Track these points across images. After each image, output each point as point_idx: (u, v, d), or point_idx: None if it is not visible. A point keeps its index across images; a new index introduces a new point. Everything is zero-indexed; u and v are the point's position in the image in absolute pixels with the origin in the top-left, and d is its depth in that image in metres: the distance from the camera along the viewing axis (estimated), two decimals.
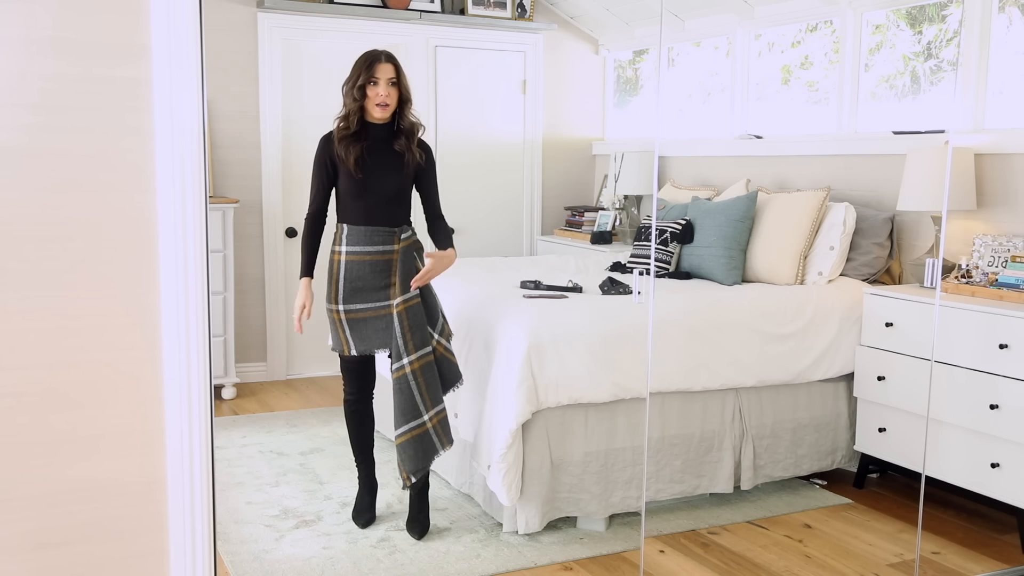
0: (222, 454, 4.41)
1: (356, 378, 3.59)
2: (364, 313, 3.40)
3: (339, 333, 3.44)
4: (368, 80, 3.35)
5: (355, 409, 3.62)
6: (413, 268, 3.41)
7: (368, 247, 3.39)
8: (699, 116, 5.92)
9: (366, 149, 3.40)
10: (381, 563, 3.29)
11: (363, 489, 3.66)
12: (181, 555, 2.03)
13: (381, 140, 3.43)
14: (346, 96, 3.40)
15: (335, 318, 3.43)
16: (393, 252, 3.40)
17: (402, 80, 3.41)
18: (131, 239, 2.00)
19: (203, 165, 2.02)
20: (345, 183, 3.40)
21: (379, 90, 3.35)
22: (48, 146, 1.93)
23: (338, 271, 3.41)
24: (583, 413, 3.55)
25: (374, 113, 3.39)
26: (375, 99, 3.36)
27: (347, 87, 3.39)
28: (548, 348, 3.45)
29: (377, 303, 3.40)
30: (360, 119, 3.40)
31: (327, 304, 3.44)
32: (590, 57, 6.64)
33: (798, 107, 5.21)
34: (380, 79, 3.35)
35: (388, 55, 3.40)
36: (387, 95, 3.36)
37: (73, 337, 1.97)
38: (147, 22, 1.96)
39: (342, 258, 3.41)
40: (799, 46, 5.23)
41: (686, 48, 6.00)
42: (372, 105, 3.37)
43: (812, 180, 4.81)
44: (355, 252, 3.40)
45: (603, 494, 3.57)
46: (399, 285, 3.37)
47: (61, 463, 1.97)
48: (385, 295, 3.40)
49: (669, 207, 4.87)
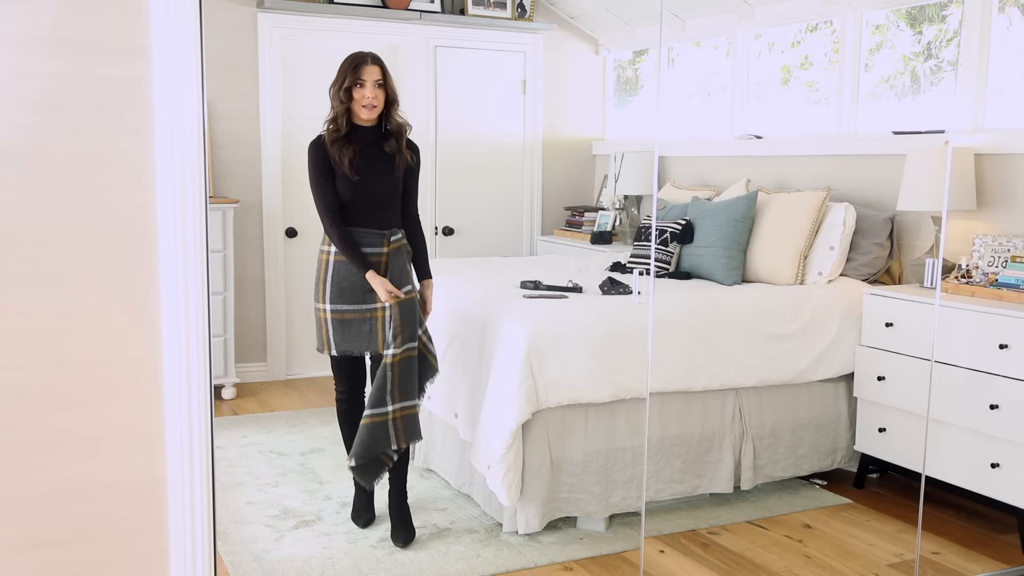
0: (222, 454, 4.41)
1: (346, 377, 3.59)
2: (349, 314, 3.40)
3: (322, 332, 3.45)
4: (354, 82, 3.33)
5: (346, 408, 3.62)
6: (404, 269, 3.41)
7: (360, 248, 3.38)
8: (699, 116, 5.92)
9: (358, 151, 3.38)
10: (381, 563, 3.29)
11: (360, 489, 3.66)
12: (181, 555, 2.03)
13: (370, 142, 3.41)
14: (333, 99, 3.38)
15: (320, 317, 3.43)
16: (382, 255, 3.39)
17: (388, 81, 3.39)
18: (131, 239, 2.00)
19: (203, 165, 2.02)
20: (339, 185, 3.38)
21: (366, 92, 3.34)
22: (48, 145, 1.93)
23: (326, 271, 3.41)
24: (583, 413, 3.55)
25: (361, 115, 3.37)
26: (361, 101, 3.34)
27: (333, 90, 3.38)
28: (548, 348, 3.45)
29: (362, 305, 3.39)
30: (348, 121, 3.38)
31: (315, 303, 3.44)
32: (590, 57, 6.64)
33: (798, 107, 5.21)
34: (366, 81, 3.34)
35: (374, 56, 3.39)
36: (374, 97, 3.34)
37: (73, 337, 1.97)
38: (147, 22, 1.96)
39: (330, 258, 3.41)
40: (799, 46, 5.23)
41: (686, 48, 6.00)
42: (359, 107, 3.36)
43: (812, 180, 4.81)
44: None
45: (603, 494, 3.57)
46: (393, 283, 3.36)
47: (61, 463, 1.97)
48: (371, 298, 3.39)
49: (669, 207, 4.87)
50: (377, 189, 3.39)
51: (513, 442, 3.37)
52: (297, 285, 5.83)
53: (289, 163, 5.73)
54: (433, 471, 4.15)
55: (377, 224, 3.40)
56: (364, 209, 3.38)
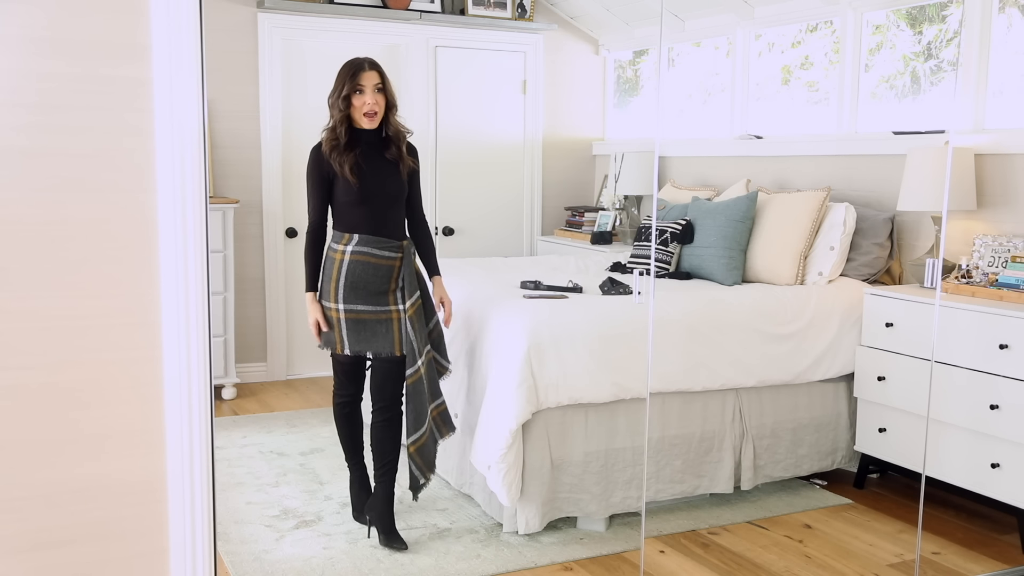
0: (222, 454, 4.42)
1: (352, 380, 3.59)
2: (364, 315, 3.38)
3: (335, 331, 3.42)
4: (353, 89, 3.33)
5: (347, 412, 3.62)
6: (414, 270, 3.43)
7: (376, 250, 3.37)
8: (699, 116, 5.93)
9: (360, 156, 3.37)
10: (381, 563, 3.30)
11: (358, 488, 3.66)
12: (181, 555, 2.04)
13: (372, 147, 3.41)
14: (332, 107, 3.37)
15: (333, 316, 3.40)
16: (396, 259, 3.39)
17: (387, 86, 3.39)
18: (132, 239, 2.00)
19: (203, 165, 2.02)
20: (344, 192, 3.37)
21: (366, 98, 3.33)
22: (49, 146, 1.94)
23: (339, 270, 3.37)
24: (583, 413, 3.55)
25: (362, 123, 3.37)
26: (362, 108, 3.33)
27: (332, 98, 3.37)
28: (548, 348, 3.45)
29: (377, 306, 3.39)
30: (348, 128, 3.37)
31: (324, 302, 3.41)
32: (590, 57, 6.65)
33: (798, 107, 5.21)
34: (366, 87, 3.33)
35: (371, 62, 3.38)
36: (374, 103, 3.34)
37: (75, 337, 1.97)
38: (147, 22, 1.97)
39: (345, 257, 3.36)
40: (799, 46, 5.24)
41: (686, 48, 6.00)
42: (359, 115, 3.35)
43: (812, 180, 4.82)
44: (361, 253, 3.36)
45: (603, 494, 3.58)
46: (406, 289, 3.37)
47: (64, 463, 1.98)
48: (384, 300, 3.39)
49: (669, 207, 4.88)
50: (385, 193, 3.39)
51: (513, 442, 3.37)
52: (297, 285, 5.83)
53: (289, 163, 5.74)
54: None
55: (392, 231, 3.40)
56: (376, 214, 3.36)
